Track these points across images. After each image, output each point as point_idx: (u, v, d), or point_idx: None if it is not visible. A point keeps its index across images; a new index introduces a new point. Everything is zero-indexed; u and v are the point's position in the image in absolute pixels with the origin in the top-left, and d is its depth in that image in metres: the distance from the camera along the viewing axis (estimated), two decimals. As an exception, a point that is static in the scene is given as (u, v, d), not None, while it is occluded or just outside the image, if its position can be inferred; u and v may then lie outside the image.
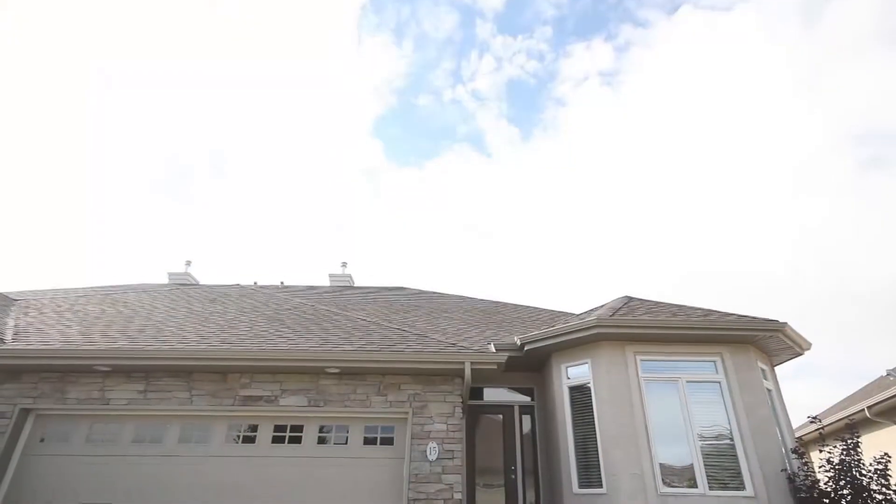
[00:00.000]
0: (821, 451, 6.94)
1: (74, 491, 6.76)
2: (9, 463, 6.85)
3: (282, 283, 16.32)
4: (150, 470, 6.92)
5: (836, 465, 6.62)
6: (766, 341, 7.92)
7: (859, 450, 6.66)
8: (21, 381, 7.24)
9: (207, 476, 6.89)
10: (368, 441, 7.27)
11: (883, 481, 6.34)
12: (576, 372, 8.20)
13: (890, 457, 6.65)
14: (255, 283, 15.82)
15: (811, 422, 7.70)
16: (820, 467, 6.86)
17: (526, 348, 8.40)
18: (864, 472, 6.46)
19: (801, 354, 8.40)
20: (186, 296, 12.24)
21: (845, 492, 6.40)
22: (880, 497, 6.24)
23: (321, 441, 7.25)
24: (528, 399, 9.51)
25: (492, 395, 9.56)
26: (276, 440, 7.20)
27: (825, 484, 6.67)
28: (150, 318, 9.37)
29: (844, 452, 6.67)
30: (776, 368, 8.64)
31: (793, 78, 25.14)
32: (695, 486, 6.94)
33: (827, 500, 6.45)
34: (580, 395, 8.01)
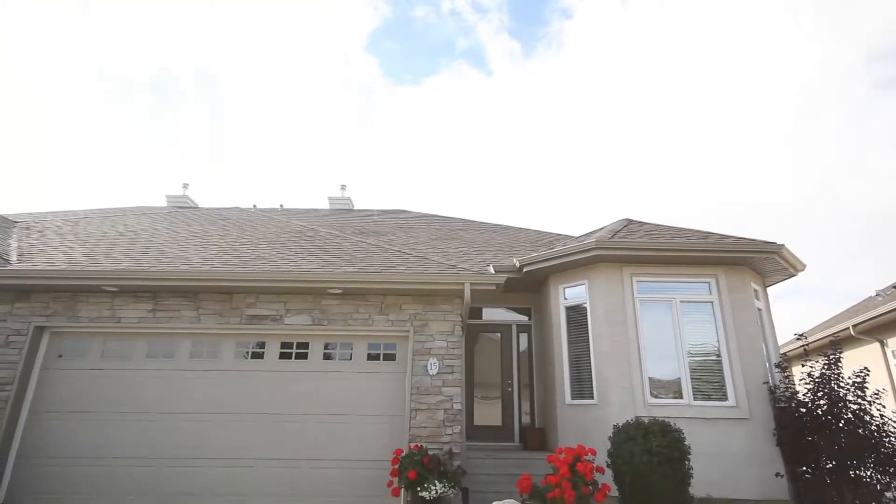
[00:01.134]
0: (803, 366, 7.28)
1: (93, 401, 7.17)
2: (30, 376, 7.20)
3: (281, 206, 16.27)
4: (164, 383, 7.30)
5: (817, 378, 6.96)
6: (761, 263, 8.03)
7: (840, 364, 6.98)
8: (32, 301, 7.43)
9: (219, 389, 7.27)
10: (372, 357, 7.60)
11: (859, 392, 6.70)
12: (573, 292, 8.39)
13: (869, 371, 6.98)
14: (255, 206, 15.76)
15: (797, 339, 8.00)
16: (801, 380, 7.23)
17: (525, 270, 8.54)
18: (842, 384, 6.82)
19: (794, 276, 8.56)
20: (186, 218, 12.23)
21: (822, 402, 6.79)
22: (855, 406, 6.63)
23: (327, 357, 7.57)
24: (525, 318, 9.83)
25: (490, 314, 9.87)
26: (284, 356, 7.52)
27: (804, 395, 7.07)
28: (152, 240, 9.43)
29: (825, 367, 7.00)
30: (769, 289, 8.85)
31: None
32: (680, 397, 7.36)
33: (804, 410, 6.87)
34: (576, 314, 8.26)
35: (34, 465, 6.88)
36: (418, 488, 6.08)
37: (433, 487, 6.03)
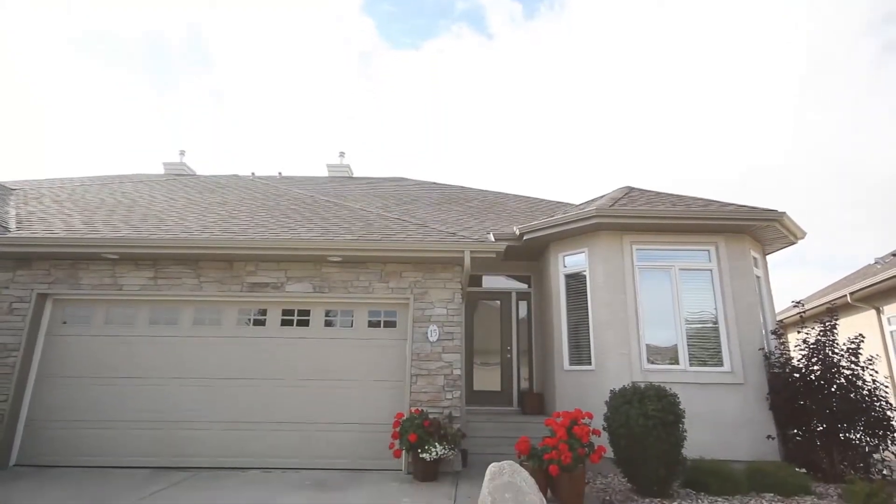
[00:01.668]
0: (798, 333, 7.36)
1: (99, 367, 7.29)
2: (35, 342, 7.30)
3: (279, 173, 16.13)
4: (169, 349, 7.40)
5: (812, 344, 7.06)
6: (762, 231, 8.02)
7: (835, 331, 7.07)
8: (33, 269, 7.46)
9: (222, 355, 7.38)
10: (373, 324, 7.68)
11: (853, 359, 6.80)
12: (572, 260, 8.41)
13: (864, 337, 7.08)
14: (253, 173, 15.62)
15: (794, 306, 8.07)
16: (796, 347, 7.33)
17: (525, 238, 8.54)
18: (836, 350, 6.92)
19: (794, 243, 8.56)
20: (184, 186, 12.15)
21: (816, 368, 6.90)
22: (848, 372, 6.74)
23: (328, 324, 7.65)
24: (524, 286, 9.90)
25: (490, 282, 9.93)
26: (285, 323, 7.60)
27: (798, 361, 7.18)
28: (150, 208, 9.39)
29: (821, 333, 7.08)
30: (768, 256, 8.87)
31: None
32: (677, 363, 7.48)
33: (797, 375, 6.99)
34: (576, 282, 8.30)
35: (44, 427, 7.05)
36: (419, 450, 6.25)
37: (433, 449, 6.20)
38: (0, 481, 6.06)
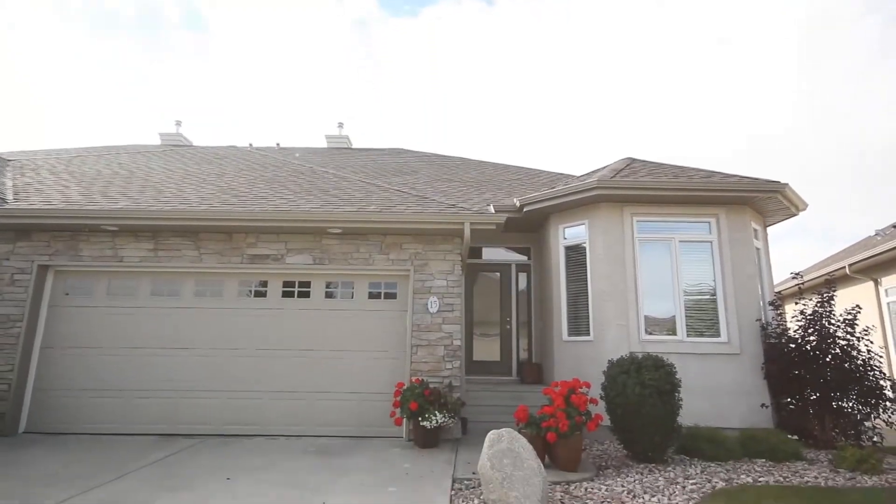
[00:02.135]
0: (796, 304, 7.42)
1: (103, 337, 7.37)
2: (39, 313, 7.36)
3: (278, 144, 15.94)
4: (171, 320, 7.46)
5: (809, 315, 7.12)
6: (763, 202, 7.99)
7: (833, 302, 7.11)
8: (32, 240, 7.45)
9: (224, 326, 7.45)
10: (373, 295, 7.72)
11: (849, 329, 6.86)
12: (572, 232, 8.40)
13: (861, 308, 7.13)
14: (251, 144, 15.45)
15: (793, 278, 8.10)
16: (793, 318, 7.39)
17: (525, 209, 8.50)
18: (833, 321, 6.98)
19: (795, 215, 8.53)
20: (181, 157, 12.03)
21: (812, 338, 6.97)
22: (843, 342, 6.82)
23: (328, 295, 7.69)
24: (524, 258, 9.91)
25: (490, 254, 9.94)
26: (286, 294, 7.64)
27: (794, 332, 7.25)
28: (148, 179, 9.32)
29: (818, 304, 7.13)
30: (769, 228, 8.85)
31: None
32: (674, 334, 7.56)
33: (793, 345, 7.07)
34: (575, 254, 8.31)
35: (50, 396, 7.17)
36: (420, 418, 6.37)
37: (434, 417, 6.33)
38: (10, 447, 6.21)
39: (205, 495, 4.47)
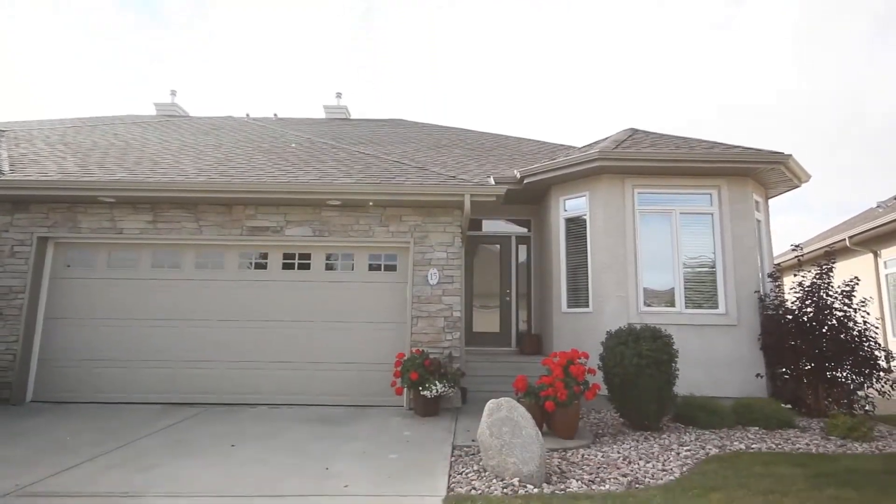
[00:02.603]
0: (795, 276, 7.44)
1: (106, 309, 7.42)
2: (41, 284, 7.39)
3: (275, 115, 15.72)
4: (173, 292, 7.50)
5: (807, 287, 7.14)
6: (766, 174, 7.92)
7: (831, 274, 7.13)
8: (31, 212, 7.42)
9: (226, 297, 7.50)
10: (373, 267, 7.74)
11: (846, 301, 6.90)
12: (573, 204, 8.36)
13: (859, 280, 7.15)
14: (248, 115, 15.23)
15: (793, 250, 8.10)
16: (791, 290, 7.42)
17: (525, 181, 8.44)
18: (830, 293, 7.01)
19: (798, 187, 8.48)
20: (177, 128, 11.86)
21: (809, 310, 7.02)
22: (840, 314, 6.86)
23: (329, 268, 7.71)
24: (524, 230, 9.90)
25: (490, 226, 9.92)
26: (287, 266, 7.66)
27: (792, 304, 7.30)
28: (144, 150, 9.21)
29: (817, 276, 7.15)
30: (770, 200, 8.81)
31: None
32: (673, 305, 7.61)
33: (790, 316, 7.12)
34: (576, 226, 8.29)
35: (56, 366, 7.27)
36: (420, 388, 6.48)
37: (434, 387, 6.43)
38: (18, 415, 6.33)
39: (212, 461, 4.58)
